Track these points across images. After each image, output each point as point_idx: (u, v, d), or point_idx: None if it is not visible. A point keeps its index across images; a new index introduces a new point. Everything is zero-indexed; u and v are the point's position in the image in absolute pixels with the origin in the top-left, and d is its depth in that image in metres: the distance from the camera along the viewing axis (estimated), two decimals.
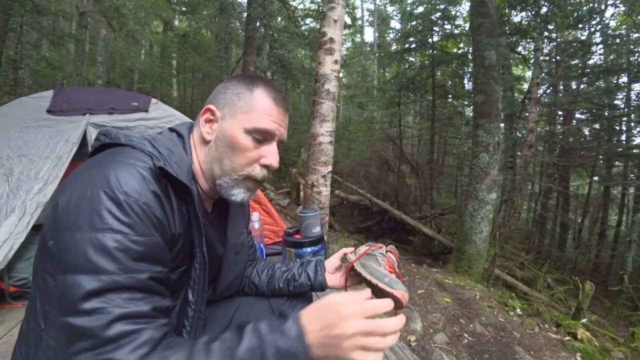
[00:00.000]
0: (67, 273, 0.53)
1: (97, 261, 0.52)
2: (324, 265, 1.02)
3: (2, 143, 1.88)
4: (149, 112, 2.35)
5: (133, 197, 0.57)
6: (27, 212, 1.69)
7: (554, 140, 9.24)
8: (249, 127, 0.72)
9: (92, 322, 0.50)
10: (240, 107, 0.73)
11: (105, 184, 0.56)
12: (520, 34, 7.96)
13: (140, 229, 0.57)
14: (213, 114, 0.75)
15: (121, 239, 0.54)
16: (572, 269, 7.51)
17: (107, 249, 0.53)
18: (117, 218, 0.55)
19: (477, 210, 4.42)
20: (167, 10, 11.37)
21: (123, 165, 0.60)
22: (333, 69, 2.75)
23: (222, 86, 0.78)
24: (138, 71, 12.31)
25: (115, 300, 0.52)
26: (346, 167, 9.97)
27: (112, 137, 0.68)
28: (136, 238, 0.56)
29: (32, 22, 5.99)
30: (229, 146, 0.73)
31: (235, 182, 0.75)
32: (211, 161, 0.75)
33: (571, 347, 2.70)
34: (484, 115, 4.48)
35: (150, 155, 0.64)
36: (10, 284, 1.73)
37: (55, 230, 0.56)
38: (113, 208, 0.55)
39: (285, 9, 8.23)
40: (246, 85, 0.75)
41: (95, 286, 0.51)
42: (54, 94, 2.22)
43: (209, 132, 0.75)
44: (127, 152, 0.64)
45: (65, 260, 0.53)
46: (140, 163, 0.61)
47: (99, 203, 0.55)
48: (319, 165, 2.76)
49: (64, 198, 0.57)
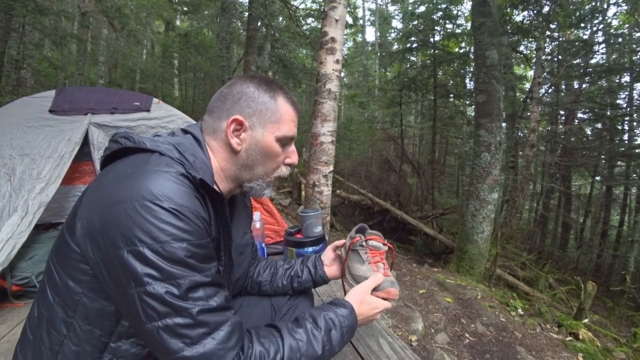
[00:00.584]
0: (142, 285, 0.55)
1: (171, 270, 0.56)
2: (321, 260, 1.06)
3: (5, 142, 1.88)
4: (150, 112, 2.35)
5: (184, 205, 0.59)
6: (29, 211, 1.69)
7: (556, 140, 9.22)
8: (280, 136, 0.78)
9: (184, 321, 0.57)
10: (269, 117, 0.77)
11: (152, 196, 0.57)
12: (522, 33, 7.94)
13: (198, 233, 0.60)
14: (241, 124, 0.76)
15: (186, 246, 0.57)
16: (574, 269, 7.50)
17: (178, 258, 0.56)
18: (177, 227, 0.57)
19: (478, 210, 4.41)
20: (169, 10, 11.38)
21: (162, 175, 0.60)
22: (334, 69, 2.74)
23: (238, 92, 0.77)
24: (140, 71, 12.34)
25: (199, 298, 0.58)
26: (347, 167, 9.97)
27: (135, 142, 0.67)
28: (198, 242, 0.59)
29: (34, 22, 6.00)
30: (262, 154, 0.78)
31: (268, 184, 0.82)
32: (240, 168, 0.79)
33: (573, 347, 2.70)
34: (485, 115, 4.47)
35: (180, 163, 0.65)
36: (12, 283, 1.73)
37: (108, 247, 0.57)
38: (170, 218, 0.57)
39: (287, 8, 8.22)
40: (268, 94, 0.77)
41: (176, 291, 0.56)
42: (56, 93, 2.22)
43: (239, 142, 0.76)
44: (157, 159, 0.64)
45: (134, 274, 0.55)
46: (174, 171, 0.62)
47: (154, 215, 0.56)
48: (320, 165, 2.76)
49: (106, 214, 0.57)
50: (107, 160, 0.69)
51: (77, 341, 0.61)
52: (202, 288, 0.59)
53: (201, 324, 0.57)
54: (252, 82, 0.78)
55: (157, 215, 0.56)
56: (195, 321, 0.57)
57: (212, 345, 0.57)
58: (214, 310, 0.59)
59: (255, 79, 0.79)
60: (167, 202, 0.57)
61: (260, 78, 0.80)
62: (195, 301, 0.57)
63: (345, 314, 0.78)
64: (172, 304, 0.55)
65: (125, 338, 0.64)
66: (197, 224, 0.60)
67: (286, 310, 1.00)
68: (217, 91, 0.81)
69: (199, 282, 0.58)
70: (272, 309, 1.01)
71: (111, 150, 0.69)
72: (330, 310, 0.78)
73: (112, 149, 0.69)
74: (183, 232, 0.57)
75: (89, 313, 0.61)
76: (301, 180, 6.33)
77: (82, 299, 0.61)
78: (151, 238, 0.55)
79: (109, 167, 0.67)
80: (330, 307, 0.79)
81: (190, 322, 0.56)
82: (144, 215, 0.55)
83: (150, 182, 0.58)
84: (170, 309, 0.55)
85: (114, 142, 0.69)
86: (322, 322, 0.74)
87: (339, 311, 0.78)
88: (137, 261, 0.55)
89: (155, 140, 0.68)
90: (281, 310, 1.00)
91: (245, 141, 0.77)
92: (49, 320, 0.63)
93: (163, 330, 0.55)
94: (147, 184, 0.58)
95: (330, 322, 0.75)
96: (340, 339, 0.75)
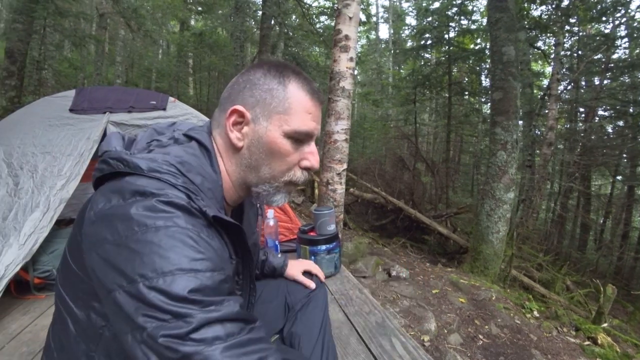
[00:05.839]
0: (141, 330, 0.45)
1: (176, 309, 0.45)
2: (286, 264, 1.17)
3: (27, 141, 1.94)
4: (166, 110, 2.39)
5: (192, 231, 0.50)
6: (50, 207, 1.75)
7: (575, 138, 8.97)
8: (288, 130, 0.64)
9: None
10: (275, 106, 0.64)
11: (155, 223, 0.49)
12: (540, 28, 7.74)
13: (210, 262, 0.50)
14: (242, 115, 0.64)
15: (194, 278, 0.47)
16: (593, 272, 7.30)
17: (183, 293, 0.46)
18: (184, 255, 0.48)
19: (494, 209, 4.34)
20: (184, 10, 11.54)
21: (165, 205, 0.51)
22: (348, 67, 2.73)
23: (244, 80, 0.66)
24: (155, 70, 12.55)
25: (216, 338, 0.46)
26: (361, 165, 9.92)
27: (130, 167, 0.56)
28: (210, 274, 0.49)
29: (55, 24, 6.17)
30: (267, 152, 0.65)
31: (277, 189, 0.69)
32: (245, 169, 0.67)
33: (591, 352, 2.63)
34: (501, 113, 4.39)
35: (186, 193, 0.54)
36: (34, 276, 1.79)
37: (104, 289, 0.49)
38: (175, 245, 0.48)
39: (300, 6, 8.22)
40: (277, 79, 0.65)
41: (184, 333, 0.45)
42: (75, 93, 2.28)
43: (239, 137, 0.65)
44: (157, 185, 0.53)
45: (130, 316, 0.46)
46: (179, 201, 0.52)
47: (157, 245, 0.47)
48: (334, 163, 2.76)
49: (102, 251, 0.50)
50: (99, 181, 0.59)
51: None
52: (221, 324, 0.47)
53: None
54: (262, 68, 0.66)
55: (161, 244, 0.47)
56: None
57: None
58: (236, 348, 0.46)
59: (267, 63, 0.67)
60: (172, 229, 0.49)
61: (273, 62, 0.67)
62: (210, 343, 0.45)
63: None
64: (181, 350, 0.44)
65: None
66: (209, 249, 0.51)
67: (300, 307, 1.00)
68: None
69: (213, 319, 0.46)
70: (286, 306, 1.02)
71: (102, 172, 0.58)
72: None
73: (103, 171, 0.58)
74: (191, 261, 0.48)
75: (111, 349, 0.55)
76: (314, 178, 6.33)
77: (105, 333, 0.55)
78: (152, 270, 0.46)
79: (103, 190, 0.56)
80: None
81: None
82: (145, 246, 0.47)
83: (151, 211, 0.50)
84: (176, 356, 0.44)
85: (104, 162, 0.58)
86: None
87: None
88: (135, 301, 0.45)
89: (152, 160, 0.56)
90: (295, 307, 1.01)
91: (247, 136, 0.65)
92: (69, 350, 0.59)
93: None
94: (148, 214, 0.49)
95: None
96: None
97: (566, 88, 8.86)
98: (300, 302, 1.01)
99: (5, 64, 5.21)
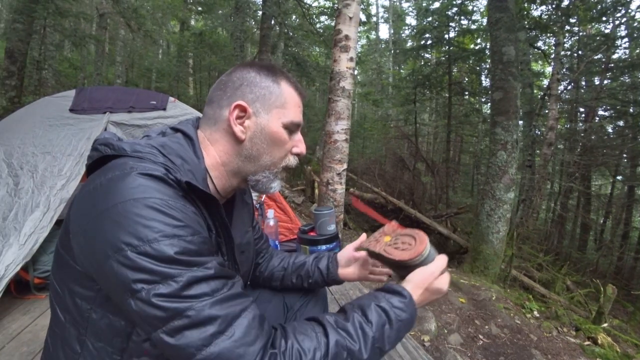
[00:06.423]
0: (136, 292, 0.50)
1: (164, 270, 0.50)
2: (336, 261, 1.00)
3: (28, 141, 1.95)
4: (166, 111, 2.39)
5: (170, 199, 0.55)
6: (50, 207, 1.75)
7: (575, 138, 8.96)
8: (286, 122, 0.73)
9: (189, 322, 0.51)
10: (273, 101, 0.72)
11: (134, 196, 0.53)
12: (540, 28, 7.74)
13: (190, 228, 0.55)
14: (244, 110, 0.70)
15: (178, 241, 0.52)
16: (593, 272, 7.30)
17: (169, 255, 0.51)
18: (165, 222, 0.52)
19: (494, 209, 4.34)
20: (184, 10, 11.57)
21: (142, 176, 0.55)
22: (348, 67, 2.73)
23: (238, 78, 0.72)
24: (155, 70, 12.55)
25: (203, 294, 0.52)
26: (361, 165, 9.92)
27: (115, 149, 0.62)
28: (191, 237, 0.54)
29: (55, 24, 6.16)
30: (269, 142, 0.73)
31: (275, 175, 0.77)
32: (244, 160, 0.73)
33: (591, 352, 2.63)
34: (502, 113, 4.39)
35: (164, 166, 0.59)
36: (34, 276, 1.80)
37: (100, 260, 0.52)
38: (155, 214, 0.52)
39: (300, 6, 8.23)
40: (270, 77, 0.72)
41: (174, 292, 0.50)
42: (75, 93, 2.28)
43: (243, 130, 0.71)
44: (136, 163, 0.58)
45: (126, 282, 0.50)
46: (156, 173, 0.57)
47: (138, 214, 0.51)
48: (334, 163, 2.76)
49: (92, 226, 0.54)
50: (90, 168, 0.64)
51: (91, 359, 0.60)
52: (206, 282, 0.53)
53: (209, 322, 0.51)
54: (252, 68, 0.73)
55: (142, 214, 0.51)
56: (202, 319, 0.51)
57: (227, 344, 0.52)
58: (223, 302, 0.54)
59: (255, 64, 0.74)
60: (150, 200, 0.52)
61: (260, 64, 0.75)
62: (199, 298, 0.51)
63: (401, 305, 0.66)
64: (171, 307, 0.50)
65: (137, 357, 0.61)
66: (187, 217, 0.55)
67: (299, 307, 0.99)
68: (216, 81, 0.76)
69: (199, 277, 0.52)
70: (285, 306, 1.01)
71: (92, 159, 0.64)
72: (383, 300, 0.66)
73: (92, 157, 0.64)
74: (173, 228, 0.52)
75: (99, 330, 0.59)
76: (315, 178, 6.34)
77: (92, 316, 0.59)
78: (137, 239, 0.50)
79: (91, 176, 0.61)
80: (383, 295, 0.67)
81: (196, 322, 0.51)
82: (128, 217, 0.51)
83: (130, 184, 0.54)
84: (171, 312, 0.50)
85: (94, 150, 0.64)
86: (373, 315, 0.63)
87: (394, 301, 0.66)
88: (125, 268, 0.50)
89: (135, 143, 0.63)
90: (294, 307, 1.00)
91: (250, 129, 0.71)
92: (62, 338, 0.62)
93: (170, 336, 0.50)
94: (127, 186, 0.53)
95: (384, 314, 0.64)
96: (396, 335, 0.64)
97: (566, 88, 8.86)
98: (299, 302, 1.01)
99: (5, 64, 5.22)
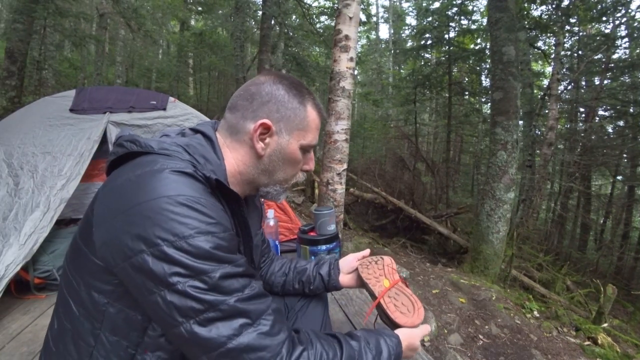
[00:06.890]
0: (171, 286, 0.53)
1: (199, 266, 0.54)
2: (337, 268, 1.04)
3: (28, 141, 1.95)
4: (166, 111, 2.39)
5: (202, 198, 0.57)
6: (50, 207, 1.75)
7: (575, 138, 8.95)
8: (304, 144, 0.77)
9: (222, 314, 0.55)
10: (297, 124, 0.75)
11: (167, 193, 0.55)
12: (540, 28, 7.72)
13: (221, 225, 0.58)
14: (268, 128, 0.72)
15: (212, 238, 0.56)
16: (593, 272, 7.29)
17: (204, 251, 0.54)
18: (200, 220, 0.55)
19: (494, 209, 4.34)
20: (184, 10, 11.55)
21: (173, 174, 0.58)
22: (348, 67, 2.73)
23: (267, 94, 0.73)
24: (156, 70, 12.54)
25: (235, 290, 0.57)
26: (361, 165, 9.92)
27: (142, 146, 0.64)
28: (222, 234, 0.58)
29: (55, 24, 6.15)
30: (285, 161, 0.76)
31: (284, 189, 0.81)
32: (260, 172, 0.76)
33: (591, 352, 2.62)
34: (502, 113, 4.39)
35: (191, 164, 0.63)
36: (35, 276, 1.80)
37: (129, 253, 0.54)
38: (190, 212, 0.55)
39: (300, 6, 8.22)
40: (297, 98, 0.75)
41: (208, 286, 0.54)
42: (76, 93, 2.28)
43: (263, 147, 0.74)
44: (165, 161, 0.61)
45: (161, 276, 0.53)
46: (185, 170, 0.59)
47: (173, 211, 0.54)
48: (334, 163, 2.76)
49: (121, 219, 0.55)
50: (112, 164, 0.66)
51: (105, 353, 0.61)
52: (235, 279, 0.58)
53: (241, 315, 0.56)
54: (283, 85, 0.74)
55: (176, 211, 0.54)
56: (234, 312, 0.55)
57: (256, 335, 0.56)
58: (251, 299, 0.58)
59: (286, 80, 0.75)
60: (183, 197, 0.55)
61: (290, 80, 0.76)
62: (231, 293, 0.56)
63: (394, 343, 0.75)
64: (206, 299, 0.54)
65: (152, 351, 0.62)
66: (218, 214, 0.59)
67: (299, 307, 1.00)
68: (242, 86, 0.77)
69: (230, 273, 0.57)
70: (285, 306, 1.02)
71: (117, 155, 0.66)
72: (381, 335, 0.76)
73: (117, 153, 0.66)
74: (207, 225, 0.55)
75: (115, 324, 0.61)
76: (315, 178, 6.33)
77: (108, 309, 0.60)
78: (173, 235, 0.52)
79: (116, 171, 0.64)
80: (381, 332, 0.78)
81: (228, 314, 0.55)
82: (162, 213, 0.53)
83: (162, 180, 0.56)
84: (205, 304, 0.54)
85: (119, 145, 0.66)
86: (373, 342, 0.72)
87: (388, 340, 0.75)
88: (161, 262, 0.52)
89: (162, 142, 0.66)
90: (294, 307, 1.00)
91: (270, 146, 0.74)
92: (75, 332, 0.63)
93: (201, 326, 0.54)
94: (160, 183, 0.56)
95: (384, 344, 0.73)
96: None
97: (566, 88, 8.85)
98: (300, 302, 1.01)
99: (5, 64, 5.21)
